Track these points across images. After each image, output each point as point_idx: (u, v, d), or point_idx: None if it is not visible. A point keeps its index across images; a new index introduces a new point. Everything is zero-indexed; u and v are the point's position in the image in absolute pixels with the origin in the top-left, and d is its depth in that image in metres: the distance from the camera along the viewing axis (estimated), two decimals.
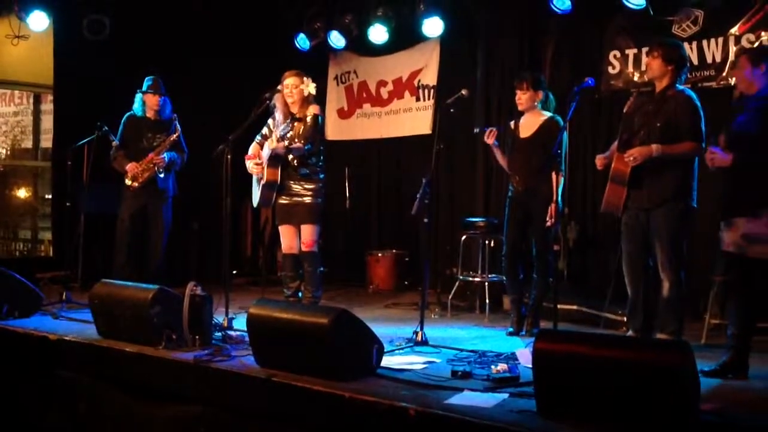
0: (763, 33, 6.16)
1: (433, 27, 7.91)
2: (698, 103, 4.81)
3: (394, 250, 8.38)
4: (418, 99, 8.63)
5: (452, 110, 5.48)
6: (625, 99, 6.86)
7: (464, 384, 3.96)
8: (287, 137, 5.91)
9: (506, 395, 3.74)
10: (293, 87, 5.95)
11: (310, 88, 6.00)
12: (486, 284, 6.70)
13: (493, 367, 4.17)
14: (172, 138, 6.84)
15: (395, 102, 8.86)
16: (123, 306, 5.00)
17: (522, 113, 5.79)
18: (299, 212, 6.00)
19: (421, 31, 8.02)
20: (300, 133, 5.73)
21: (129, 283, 5.41)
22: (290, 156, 5.91)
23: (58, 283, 7.17)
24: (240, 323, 5.18)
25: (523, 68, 7.37)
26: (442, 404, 3.58)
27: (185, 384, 4.48)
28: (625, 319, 5.74)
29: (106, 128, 6.84)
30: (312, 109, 5.99)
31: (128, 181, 6.82)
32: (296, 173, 5.99)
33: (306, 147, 5.83)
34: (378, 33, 8.22)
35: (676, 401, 3.14)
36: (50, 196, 9.04)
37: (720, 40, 6.38)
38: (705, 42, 6.45)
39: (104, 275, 5.99)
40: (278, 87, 5.91)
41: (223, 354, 4.58)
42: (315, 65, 8.64)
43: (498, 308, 6.78)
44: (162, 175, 6.83)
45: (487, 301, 6.57)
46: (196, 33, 8.57)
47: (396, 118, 8.79)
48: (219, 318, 5.31)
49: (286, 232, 6.12)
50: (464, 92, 5.49)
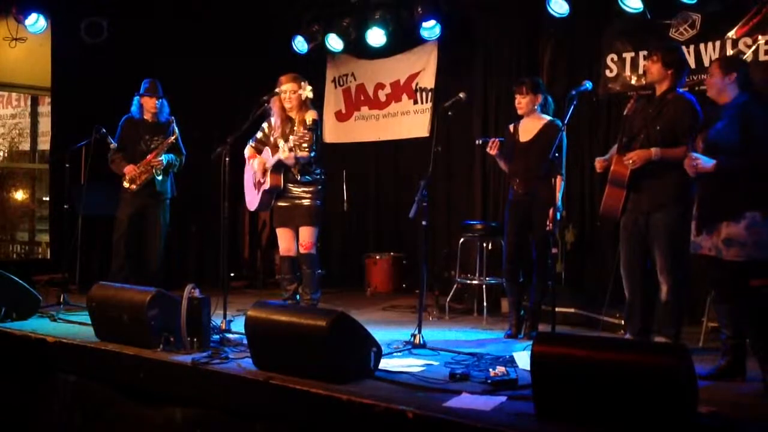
0: (761, 36, 6.17)
1: (431, 30, 7.93)
2: (698, 107, 4.82)
3: (392, 253, 8.39)
4: (416, 102, 8.63)
5: (450, 113, 5.49)
6: (623, 102, 6.93)
7: (462, 387, 3.96)
8: (289, 143, 5.88)
9: (504, 398, 3.74)
10: (291, 92, 5.91)
11: (308, 92, 5.98)
12: (484, 287, 6.70)
13: (491, 370, 4.16)
14: (170, 140, 6.83)
15: (393, 105, 8.86)
16: (121, 308, 5.00)
17: (521, 117, 5.80)
18: (298, 214, 5.98)
19: (419, 34, 8.03)
20: (303, 139, 5.70)
21: (127, 286, 5.41)
22: (296, 165, 5.91)
23: (56, 286, 7.17)
24: (238, 326, 5.19)
25: (521, 71, 7.37)
26: (441, 407, 3.58)
27: (183, 387, 4.47)
28: (623, 322, 5.76)
29: (104, 131, 6.83)
30: (311, 114, 5.95)
31: (126, 184, 6.82)
32: (297, 178, 5.99)
33: (311, 155, 5.82)
34: (376, 36, 8.23)
35: (674, 404, 3.14)
36: (48, 199, 9.04)
37: (717, 44, 6.39)
38: (702, 45, 6.45)
39: (102, 278, 5.99)
40: (276, 90, 5.90)
41: (221, 357, 4.57)
42: (313, 68, 8.66)
43: (496, 311, 6.78)
44: (160, 178, 6.82)
45: (485, 304, 6.57)
46: (194, 36, 8.58)
47: (394, 121, 8.79)
48: (217, 321, 5.31)
49: (285, 235, 6.10)
50: (462, 95, 5.50)
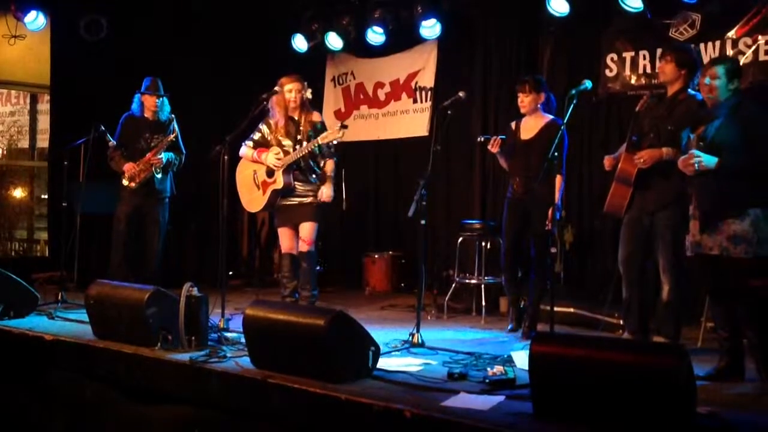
0: (760, 36, 6.17)
1: (431, 29, 7.92)
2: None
3: (391, 252, 8.38)
4: (416, 101, 8.63)
5: (449, 112, 5.48)
6: (623, 102, 6.96)
7: (460, 386, 3.96)
8: (301, 141, 5.98)
9: (502, 398, 3.74)
10: (296, 92, 5.98)
11: (308, 93, 6.11)
12: (482, 286, 6.69)
13: (490, 370, 4.16)
14: (170, 138, 6.82)
15: (392, 104, 8.86)
16: (119, 307, 5.00)
17: (523, 115, 5.79)
18: (300, 212, 6.02)
19: (419, 33, 8.03)
20: (314, 139, 5.89)
21: (125, 284, 5.40)
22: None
23: (54, 284, 7.16)
24: (236, 324, 5.18)
25: (521, 71, 7.37)
26: (438, 406, 3.57)
27: (181, 385, 4.47)
28: (622, 322, 5.75)
29: (103, 128, 6.83)
30: (317, 116, 6.13)
31: (125, 182, 6.80)
32: (306, 178, 6.04)
33: (335, 160, 6.12)
34: (375, 35, 8.23)
35: (672, 404, 3.14)
36: (46, 196, 9.03)
37: (717, 44, 6.38)
38: (702, 45, 6.44)
39: (100, 275, 5.97)
40: (276, 89, 5.90)
41: (219, 355, 4.57)
42: (312, 66, 8.66)
43: (494, 310, 6.77)
44: (159, 176, 6.81)
45: (484, 303, 6.56)
46: (194, 34, 8.57)
47: (393, 120, 8.78)
48: (215, 319, 5.30)
49: (286, 233, 6.12)
50: (461, 94, 5.50)
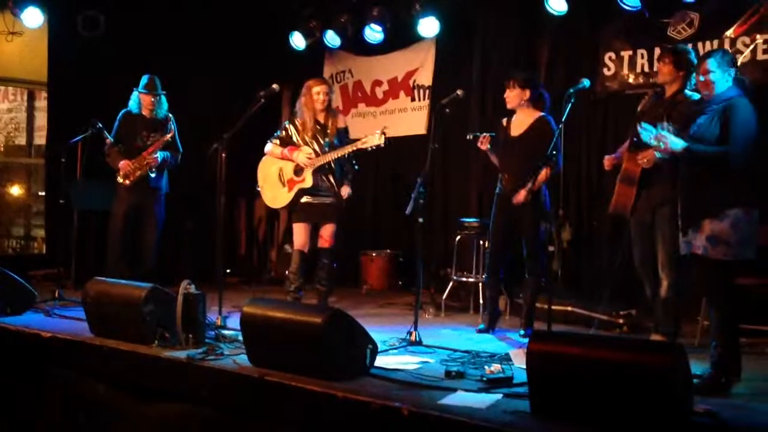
0: (758, 36, 6.18)
1: (429, 27, 7.91)
2: None
3: (389, 250, 8.38)
4: (414, 99, 8.64)
5: (447, 110, 5.48)
6: (621, 101, 6.97)
7: (458, 384, 3.96)
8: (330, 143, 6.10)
9: (500, 396, 3.74)
10: (324, 94, 6.11)
11: (334, 95, 6.42)
12: (480, 285, 6.69)
13: (487, 368, 4.16)
14: (166, 138, 6.82)
15: (390, 102, 8.86)
16: (116, 304, 4.99)
17: (514, 111, 5.78)
18: (323, 211, 6.14)
19: (417, 31, 8.03)
20: (337, 147, 6.06)
21: (122, 281, 5.39)
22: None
23: (51, 281, 7.15)
24: (233, 322, 5.18)
25: (519, 69, 7.37)
26: (436, 404, 3.57)
27: (178, 383, 4.46)
28: (621, 321, 5.78)
29: (100, 125, 6.81)
30: (342, 121, 6.29)
31: (120, 179, 6.80)
32: (331, 179, 6.15)
33: (356, 168, 6.26)
34: (373, 32, 8.23)
35: (669, 402, 3.14)
36: (44, 194, 9.02)
37: (715, 43, 6.39)
38: (700, 44, 6.46)
39: (97, 272, 5.97)
40: (274, 87, 5.88)
41: (216, 353, 4.56)
42: (310, 64, 8.67)
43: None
44: (153, 175, 6.81)
45: (481, 302, 6.56)
46: (191, 31, 8.55)
47: (391, 118, 8.77)
48: (212, 317, 5.30)
49: (304, 230, 6.19)
50: (459, 92, 5.50)
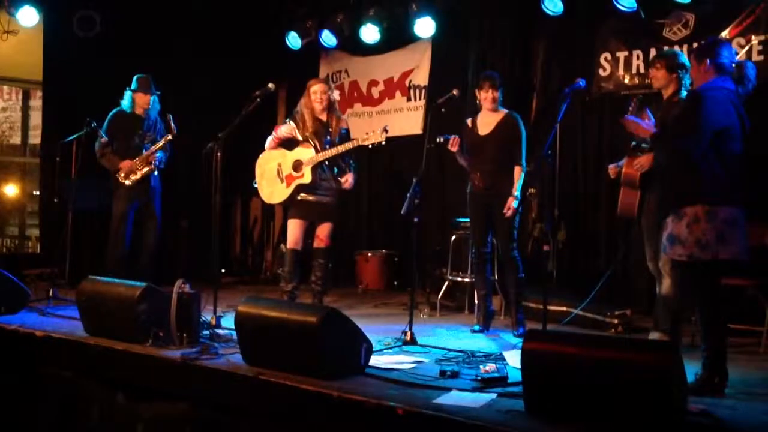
0: (753, 36, 6.19)
1: (425, 27, 7.91)
2: None
3: (384, 250, 8.38)
4: (410, 99, 8.64)
5: (443, 110, 5.49)
6: (616, 101, 6.98)
7: (453, 384, 3.96)
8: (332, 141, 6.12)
9: (494, 395, 3.75)
10: (321, 93, 6.12)
11: (335, 95, 6.33)
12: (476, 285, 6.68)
13: (482, 367, 4.17)
14: (168, 138, 6.83)
15: (386, 102, 8.86)
16: (110, 303, 4.98)
17: (477, 111, 5.81)
18: (320, 210, 6.14)
19: (413, 32, 8.02)
20: (338, 138, 6.11)
21: (116, 281, 5.38)
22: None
23: (46, 280, 7.14)
24: (228, 322, 5.17)
25: (515, 69, 7.42)
26: (431, 404, 3.57)
27: (172, 382, 4.45)
28: (616, 321, 5.79)
29: (95, 124, 6.80)
30: (344, 122, 6.31)
31: (122, 179, 6.79)
32: (330, 177, 6.17)
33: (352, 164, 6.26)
34: (370, 32, 8.21)
35: (663, 402, 3.14)
36: (38, 193, 8.99)
37: None
38: (696, 45, 6.45)
39: (92, 272, 5.95)
40: (269, 86, 5.87)
41: (211, 352, 4.56)
42: (306, 64, 8.66)
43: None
44: (156, 173, 6.83)
45: (476, 302, 6.55)
46: (187, 30, 8.55)
47: (387, 118, 8.77)
48: (207, 316, 5.29)
49: (298, 227, 6.19)
50: (455, 92, 5.53)
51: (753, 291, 5.25)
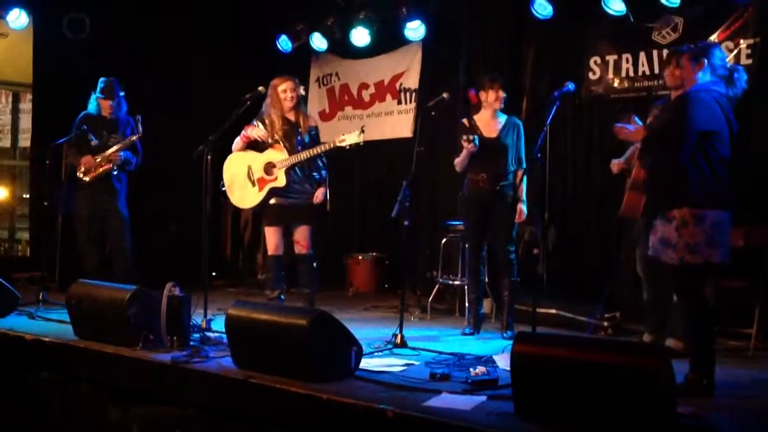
0: (742, 40, 6.22)
1: (416, 31, 7.94)
2: None
3: (375, 253, 8.38)
4: (400, 102, 8.65)
5: (433, 113, 5.49)
6: (606, 105, 7.03)
7: (443, 386, 3.96)
8: (302, 142, 6.02)
9: (484, 398, 3.75)
10: (290, 91, 5.99)
11: (302, 91, 6.16)
12: (466, 287, 6.68)
13: (472, 370, 4.16)
14: (133, 139, 6.79)
15: (377, 105, 8.87)
16: (100, 306, 4.97)
17: (477, 111, 5.81)
18: (295, 213, 6.02)
19: (404, 35, 8.05)
20: (308, 146, 5.99)
21: (106, 284, 5.37)
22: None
23: (35, 283, 7.10)
24: (218, 325, 5.16)
25: (505, 72, 7.38)
26: (421, 406, 3.57)
27: (162, 385, 4.44)
28: (606, 324, 5.80)
29: (85, 127, 6.79)
30: (312, 120, 6.21)
31: (80, 174, 6.77)
32: (304, 179, 6.05)
33: (324, 172, 6.10)
34: (360, 36, 8.23)
35: (653, 404, 3.15)
36: (28, 196, 8.96)
37: None
38: (687, 48, 6.47)
39: (82, 275, 5.94)
40: (260, 89, 5.88)
41: (201, 355, 4.55)
42: (297, 67, 8.62)
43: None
44: (115, 172, 6.80)
45: (467, 304, 6.56)
46: (177, 33, 8.53)
47: (377, 121, 8.79)
48: (197, 319, 5.28)
49: (276, 233, 6.10)
50: (445, 96, 5.52)
51: (742, 292, 5.27)
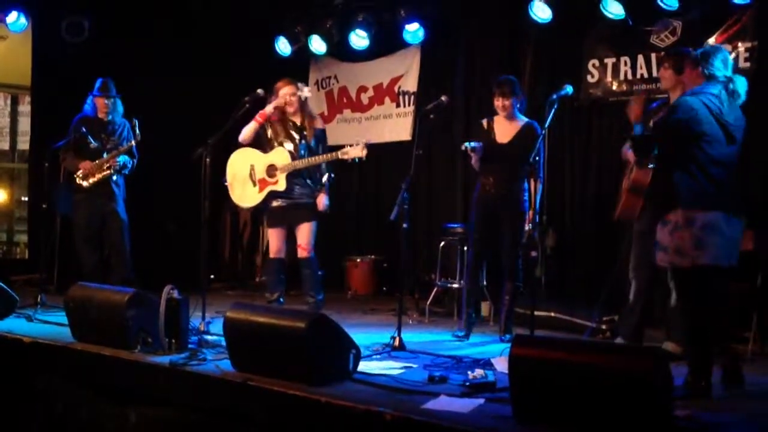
0: (740, 44, 6.24)
1: (414, 33, 7.94)
2: None
3: (373, 256, 8.38)
4: (399, 105, 8.65)
5: (432, 116, 5.50)
6: (604, 108, 7.04)
7: (441, 389, 3.96)
8: (306, 146, 5.98)
9: (482, 400, 3.75)
10: (291, 95, 5.96)
11: (306, 93, 6.05)
12: (464, 290, 6.69)
13: (470, 373, 4.17)
14: (132, 143, 6.79)
15: (375, 108, 8.88)
16: (98, 309, 4.97)
17: (494, 114, 5.77)
18: (296, 214, 5.98)
19: (402, 38, 8.05)
20: (314, 149, 5.93)
21: (104, 286, 5.38)
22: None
23: (34, 286, 7.11)
24: (217, 327, 5.16)
25: (503, 75, 7.40)
26: (419, 409, 3.57)
27: (161, 388, 4.44)
28: (604, 326, 5.80)
29: (84, 130, 6.79)
30: (319, 123, 6.11)
31: (79, 179, 6.76)
32: (304, 181, 6.02)
33: (332, 176, 6.04)
34: (359, 39, 8.25)
35: (650, 407, 3.16)
36: (27, 199, 8.97)
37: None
38: (690, 50, 6.48)
39: (80, 278, 5.94)
40: (258, 91, 5.88)
41: (199, 358, 4.54)
42: (295, 70, 8.61)
43: (476, 314, 6.77)
44: (115, 177, 6.80)
45: (464, 307, 6.56)
46: (176, 35, 8.54)
47: (376, 124, 8.80)
48: (196, 322, 5.28)
49: (278, 235, 6.07)
50: (444, 99, 5.52)
51: (742, 296, 5.27)
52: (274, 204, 6.02)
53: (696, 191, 4.00)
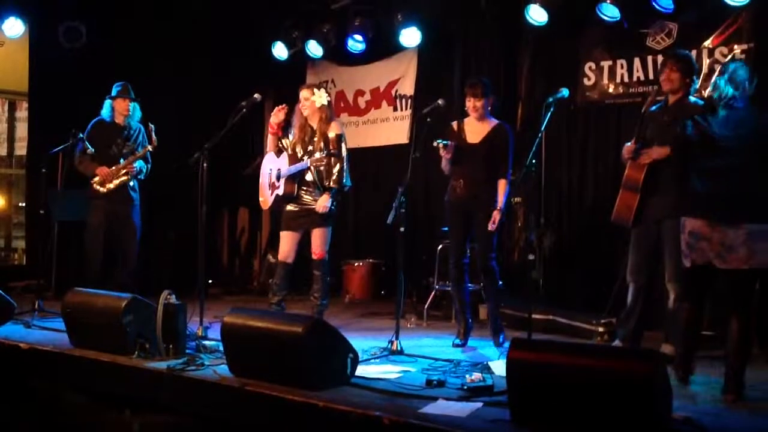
0: (736, 46, 6.24)
1: (411, 37, 7.94)
2: None
3: (371, 260, 8.37)
4: (396, 109, 8.66)
5: (429, 120, 5.49)
6: (601, 111, 7.03)
7: (439, 393, 3.97)
8: (312, 152, 5.95)
9: (480, 404, 3.75)
10: (304, 100, 6.01)
11: (322, 99, 6.01)
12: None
13: (468, 377, 4.18)
14: (149, 148, 6.80)
15: (373, 112, 8.88)
16: (96, 315, 4.97)
17: (465, 116, 5.74)
18: (308, 219, 6.00)
19: (399, 41, 8.05)
20: (320, 162, 5.84)
21: (102, 292, 5.37)
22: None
23: (31, 292, 7.09)
24: (215, 333, 5.16)
25: (500, 79, 7.42)
26: (417, 413, 3.58)
27: (158, 393, 4.44)
28: (602, 329, 5.79)
29: (81, 135, 6.78)
30: (333, 128, 6.01)
31: (96, 185, 6.76)
32: (313, 188, 6.03)
33: (347, 184, 6.04)
34: (356, 43, 8.24)
35: (648, 410, 3.16)
36: (24, 204, 8.97)
37: (693, 53, 6.41)
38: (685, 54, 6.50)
39: (78, 284, 5.93)
40: (255, 96, 5.88)
41: (197, 363, 4.55)
42: (293, 74, 8.66)
43: (474, 318, 6.76)
44: (132, 183, 6.80)
45: (455, 315, 6.55)
46: (173, 41, 8.54)
47: (373, 128, 8.80)
48: (193, 327, 5.28)
49: (288, 239, 6.08)
50: (441, 102, 5.51)
51: None
52: (288, 208, 6.09)
53: (693, 198, 4.17)
